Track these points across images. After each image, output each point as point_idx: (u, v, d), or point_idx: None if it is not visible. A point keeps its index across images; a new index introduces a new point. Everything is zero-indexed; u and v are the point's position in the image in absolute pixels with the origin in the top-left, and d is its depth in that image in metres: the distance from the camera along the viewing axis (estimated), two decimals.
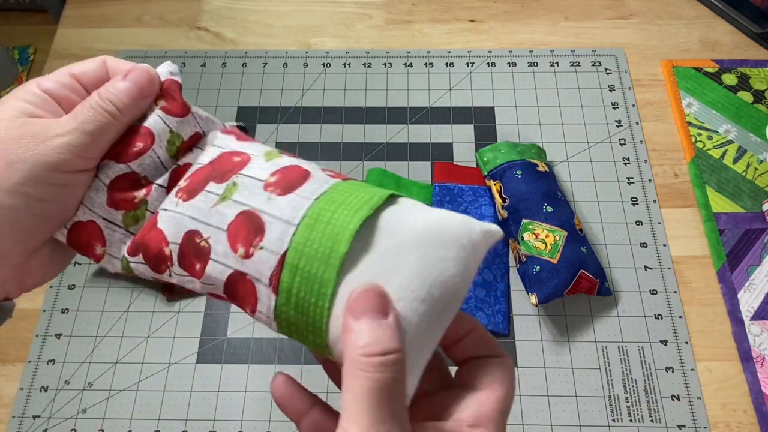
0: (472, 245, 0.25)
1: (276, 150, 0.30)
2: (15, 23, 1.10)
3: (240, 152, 0.29)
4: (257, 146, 0.30)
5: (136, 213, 0.30)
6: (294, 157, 0.29)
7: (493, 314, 0.55)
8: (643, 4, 0.76)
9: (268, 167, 0.28)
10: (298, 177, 0.27)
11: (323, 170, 0.28)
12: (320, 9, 0.77)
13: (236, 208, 0.27)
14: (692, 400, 0.52)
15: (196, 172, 0.29)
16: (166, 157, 0.30)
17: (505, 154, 0.60)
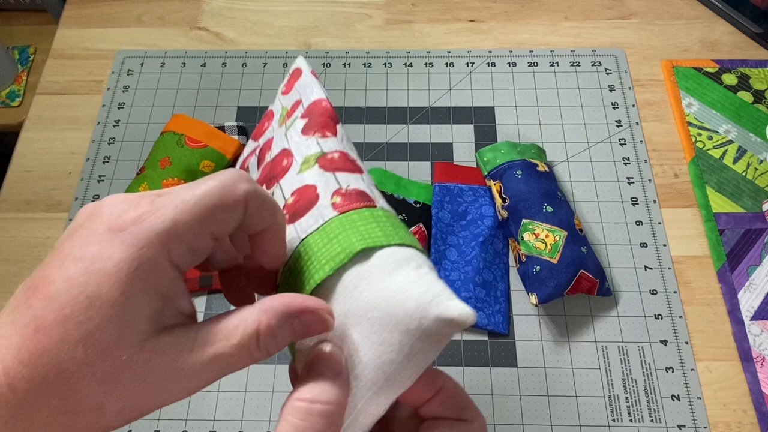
0: (421, 332, 0.22)
1: (318, 153, 0.30)
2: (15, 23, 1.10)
3: (290, 153, 0.31)
4: (307, 144, 0.30)
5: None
6: (325, 166, 0.29)
7: (493, 314, 0.55)
8: (643, 4, 0.76)
9: (295, 182, 0.29)
10: (305, 204, 0.27)
11: (338, 191, 0.28)
12: (320, 9, 0.77)
13: None
14: (692, 400, 0.52)
15: (264, 168, 0.32)
16: (275, 126, 0.34)
17: (505, 154, 0.60)
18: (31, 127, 0.69)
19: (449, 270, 0.56)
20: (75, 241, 0.22)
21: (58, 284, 0.20)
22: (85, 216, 0.23)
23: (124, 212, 0.22)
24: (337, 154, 0.30)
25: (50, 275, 0.21)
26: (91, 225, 0.22)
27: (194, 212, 0.22)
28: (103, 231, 0.21)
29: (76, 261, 0.21)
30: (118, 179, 0.65)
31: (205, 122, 0.64)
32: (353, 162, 0.30)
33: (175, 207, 0.22)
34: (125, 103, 0.70)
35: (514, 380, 0.53)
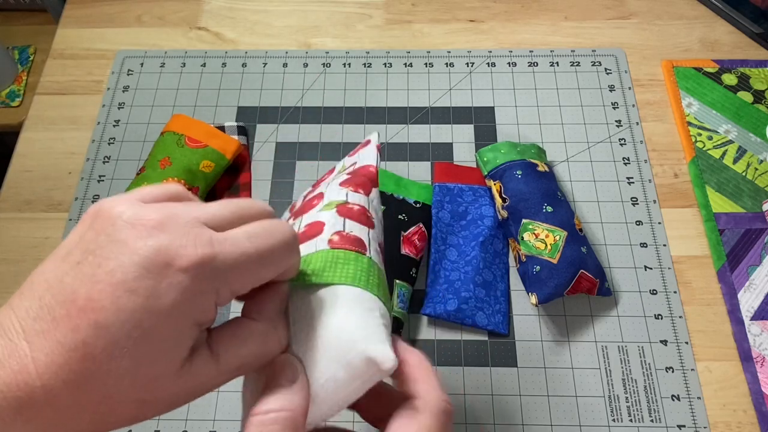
0: (346, 363, 0.25)
1: (341, 201, 0.33)
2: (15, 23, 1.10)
3: (322, 196, 0.34)
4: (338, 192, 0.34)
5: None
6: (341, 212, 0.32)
7: (493, 314, 0.55)
8: (643, 4, 0.76)
9: (312, 216, 0.32)
10: (310, 235, 0.31)
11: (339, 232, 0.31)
12: (320, 9, 0.77)
13: None
14: (692, 400, 0.52)
15: (302, 203, 0.37)
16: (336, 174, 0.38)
17: (505, 154, 0.60)
18: (31, 127, 0.69)
19: (449, 270, 0.56)
20: (121, 261, 0.22)
21: (109, 313, 0.21)
22: (125, 227, 0.23)
23: (183, 247, 0.22)
24: (357, 207, 0.32)
25: (99, 299, 0.21)
26: (138, 248, 0.22)
27: (252, 267, 0.24)
28: (157, 262, 0.22)
29: (130, 293, 0.21)
30: (118, 179, 0.65)
31: (205, 122, 0.64)
32: (369, 218, 0.32)
33: (236, 259, 0.23)
34: (125, 103, 0.70)
35: (514, 380, 0.53)
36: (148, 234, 0.22)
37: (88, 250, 0.22)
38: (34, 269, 0.24)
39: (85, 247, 0.23)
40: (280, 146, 0.66)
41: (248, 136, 0.67)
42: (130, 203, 0.24)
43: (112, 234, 0.22)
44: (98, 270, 0.22)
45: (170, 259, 0.22)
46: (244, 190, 0.63)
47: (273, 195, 0.63)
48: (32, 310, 0.22)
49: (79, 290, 0.21)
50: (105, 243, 0.22)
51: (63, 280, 0.22)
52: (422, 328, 0.56)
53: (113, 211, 0.23)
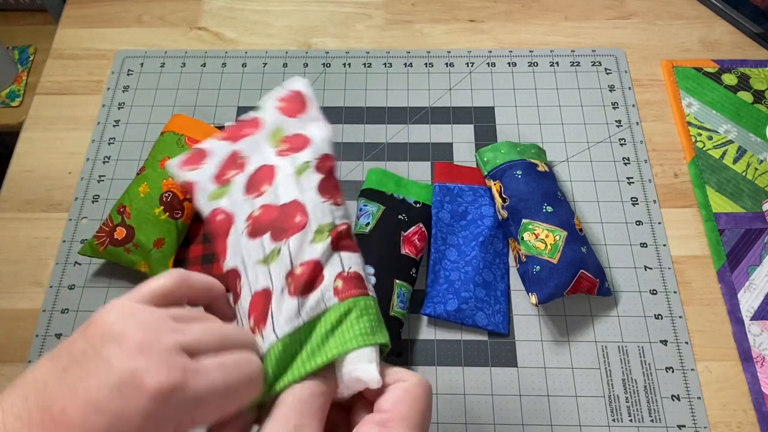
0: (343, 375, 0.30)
1: (330, 224, 0.32)
2: (15, 23, 1.10)
3: (305, 211, 0.32)
4: (322, 210, 0.33)
5: (222, 189, 0.34)
6: (335, 242, 0.32)
7: (493, 314, 0.55)
8: (643, 4, 0.76)
9: (306, 251, 0.31)
10: (309, 282, 0.31)
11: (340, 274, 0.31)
12: (320, 9, 0.77)
13: (266, 280, 0.31)
14: (692, 400, 0.52)
15: (268, 209, 0.33)
16: (267, 144, 0.35)
17: (505, 154, 0.60)
18: (31, 127, 0.69)
19: (449, 270, 0.56)
20: (99, 380, 0.23)
21: (76, 430, 0.22)
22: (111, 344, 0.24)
23: (155, 373, 0.23)
24: (345, 227, 0.33)
25: (70, 415, 0.22)
26: (116, 368, 0.23)
27: (218, 401, 0.25)
28: (130, 384, 0.23)
29: (98, 414, 0.22)
30: (118, 179, 0.65)
31: (205, 122, 0.64)
32: (353, 235, 0.33)
33: (203, 392, 0.24)
34: (125, 103, 0.70)
35: (514, 380, 0.53)
36: (128, 355, 0.23)
37: (74, 359, 0.24)
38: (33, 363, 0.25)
39: (74, 355, 0.24)
40: None
41: None
42: (123, 311, 0.25)
43: (99, 347, 0.24)
44: (79, 384, 0.23)
45: (141, 383, 0.23)
46: None
47: None
48: (15, 408, 0.23)
49: (56, 401, 0.23)
50: (91, 356, 0.24)
51: (47, 384, 0.23)
52: (422, 328, 0.56)
53: (106, 320, 0.25)
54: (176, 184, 0.58)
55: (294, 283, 0.30)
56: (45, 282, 0.59)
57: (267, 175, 0.34)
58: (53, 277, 0.59)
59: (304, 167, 0.34)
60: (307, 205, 0.33)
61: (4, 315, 0.58)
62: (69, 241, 0.61)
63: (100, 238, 0.56)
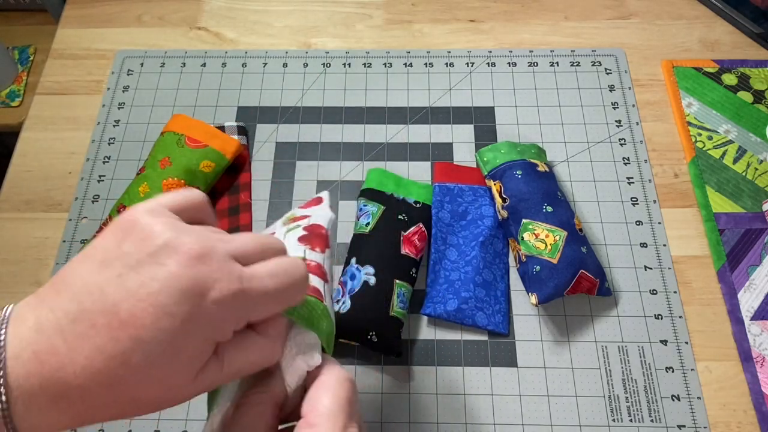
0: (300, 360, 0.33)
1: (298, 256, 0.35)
2: (15, 23, 1.10)
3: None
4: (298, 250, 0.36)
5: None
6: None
7: (493, 314, 0.55)
8: (643, 4, 0.76)
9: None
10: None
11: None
12: (320, 9, 0.77)
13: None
14: (692, 400, 0.52)
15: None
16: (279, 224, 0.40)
17: (505, 154, 0.60)
18: (31, 127, 0.69)
19: (449, 270, 0.56)
20: (165, 285, 0.24)
21: (149, 331, 0.23)
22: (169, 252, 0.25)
23: (218, 281, 0.25)
24: (314, 263, 0.35)
25: (141, 317, 0.23)
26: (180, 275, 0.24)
27: (271, 303, 0.28)
28: (196, 291, 0.24)
29: (169, 316, 0.24)
30: (118, 179, 0.65)
31: (205, 122, 0.64)
32: (324, 273, 0.35)
33: (259, 296, 0.27)
34: (125, 103, 0.70)
35: (514, 380, 0.53)
36: (190, 264, 0.25)
37: (129, 265, 0.24)
38: (64, 266, 0.26)
39: (126, 261, 0.25)
40: (280, 146, 0.66)
41: (248, 136, 0.67)
42: (167, 223, 0.26)
43: (156, 255, 0.25)
44: (141, 289, 0.24)
45: (206, 291, 0.25)
46: (244, 190, 0.63)
47: (273, 195, 0.63)
48: (71, 313, 0.23)
49: (121, 304, 0.23)
50: (148, 262, 0.24)
51: (104, 289, 0.24)
52: (422, 328, 0.56)
53: (153, 229, 0.25)
54: (176, 185, 0.58)
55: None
56: (45, 282, 0.59)
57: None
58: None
59: (294, 227, 0.38)
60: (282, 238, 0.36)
61: None
62: (69, 241, 0.61)
63: None
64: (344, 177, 0.64)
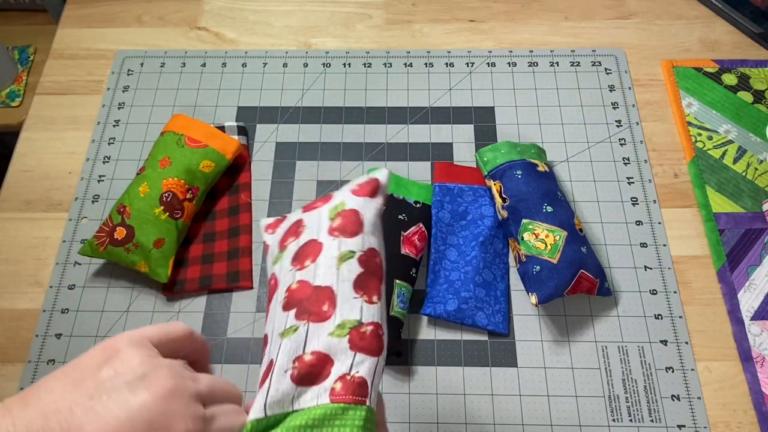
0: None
1: (355, 321, 0.32)
2: (15, 23, 1.10)
3: (334, 303, 0.32)
4: (351, 305, 0.32)
5: (280, 254, 0.35)
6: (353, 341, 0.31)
7: (493, 314, 0.55)
8: (643, 4, 0.76)
9: (320, 343, 0.31)
10: (314, 374, 0.31)
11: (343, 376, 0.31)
12: (320, 9, 0.77)
13: (276, 351, 0.31)
14: (692, 400, 0.52)
15: (303, 286, 0.33)
16: (325, 215, 0.36)
17: (505, 154, 0.60)
18: (31, 127, 0.69)
19: (449, 270, 0.56)
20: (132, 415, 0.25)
21: None
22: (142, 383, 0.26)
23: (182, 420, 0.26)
24: (371, 328, 0.32)
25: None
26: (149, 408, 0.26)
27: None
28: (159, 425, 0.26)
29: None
30: (118, 179, 0.65)
31: (205, 122, 0.64)
32: (380, 338, 0.33)
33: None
34: (125, 103, 0.70)
35: (514, 380, 0.53)
36: (161, 398, 0.26)
37: (103, 389, 0.25)
38: (40, 380, 0.26)
39: (102, 386, 0.25)
40: (280, 146, 0.66)
41: (248, 136, 0.67)
42: (147, 356, 0.27)
43: (131, 385, 0.26)
44: (109, 415, 0.24)
45: (170, 426, 0.26)
46: (244, 190, 0.63)
47: (273, 195, 0.63)
48: (33, 428, 0.24)
49: (86, 427, 0.24)
50: (122, 390, 0.25)
51: (73, 409, 0.24)
52: (422, 328, 0.56)
53: (133, 361, 0.27)
54: (176, 184, 0.58)
55: (299, 369, 0.30)
56: (45, 282, 0.59)
57: (313, 250, 0.34)
58: (53, 277, 0.59)
59: (348, 255, 0.34)
60: (338, 296, 0.32)
61: (4, 315, 0.58)
62: (69, 241, 0.61)
63: (100, 238, 0.56)
64: (344, 177, 0.64)
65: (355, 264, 0.34)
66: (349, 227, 0.35)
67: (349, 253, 0.34)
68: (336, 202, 0.37)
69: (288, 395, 0.30)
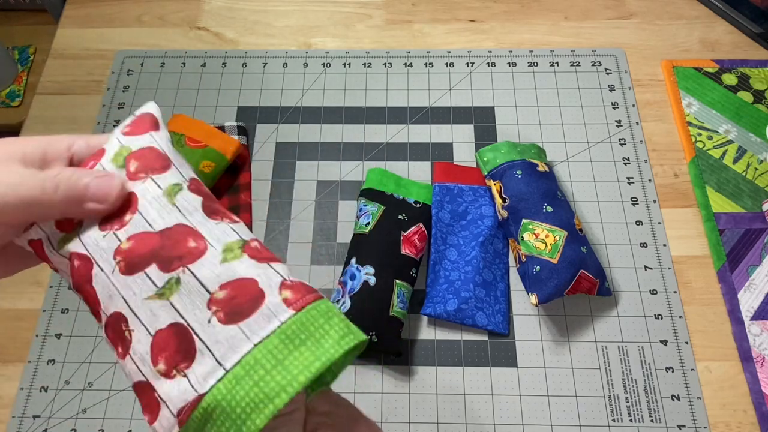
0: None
1: (239, 240, 0.28)
2: (15, 23, 1.10)
3: (199, 234, 0.27)
4: (221, 230, 0.28)
5: (68, 236, 0.28)
6: (255, 256, 0.27)
7: (493, 314, 0.55)
8: (643, 4, 0.76)
9: (221, 273, 0.26)
10: (249, 302, 0.26)
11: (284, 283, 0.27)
12: (320, 9, 0.77)
13: (171, 315, 0.26)
14: (692, 400, 0.52)
15: (143, 238, 0.27)
16: (111, 168, 0.29)
17: (505, 154, 0.60)
18: (31, 127, 0.69)
19: (449, 270, 0.56)
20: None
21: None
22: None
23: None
24: (257, 243, 0.28)
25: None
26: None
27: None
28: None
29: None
30: None
31: (205, 122, 0.64)
32: (270, 251, 0.29)
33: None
34: (125, 103, 0.70)
35: (514, 380, 0.53)
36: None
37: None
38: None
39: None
40: (280, 146, 0.66)
41: (248, 136, 0.67)
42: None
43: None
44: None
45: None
46: (244, 190, 0.63)
47: (273, 195, 0.63)
48: None
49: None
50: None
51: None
52: (422, 328, 0.56)
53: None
54: None
55: (224, 309, 0.25)
56: (45, 282, 0.59)
57: (125, 202, 0.28)
58: (53, 277, 0.59)
59: (175, 189, 0.29)
60: (198, 228, 0.28)
61: (4, 315, 0.58)
62: None
63: None
64: (344, 177, 0.64)
65: (189, 194, 0.29)
66: (153, 163, 0.29)
67: (174, 186, 0.29)
68: (115, 149, 0.30)
69: (237, 337, 0.25)
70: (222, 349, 0.25)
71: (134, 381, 0.26)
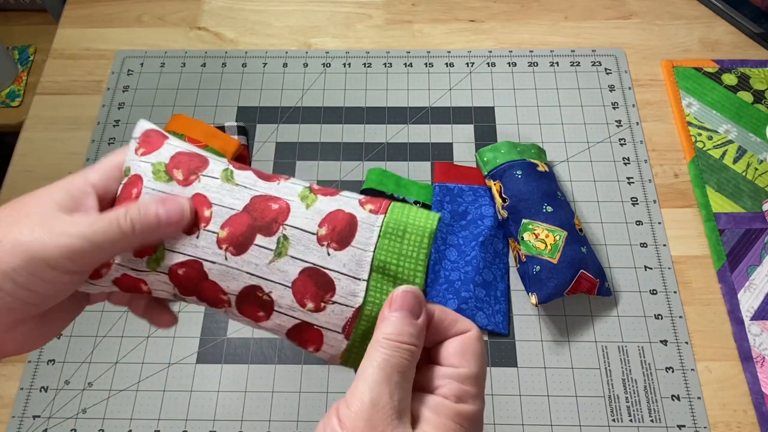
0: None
1: (305, 188, 0.31)
2: (15, 23, 1.10)
3: (274, 197, 0.30)
4: (286, 187, 0.31)
5: (156, 256, 0.30)
6: (326, 193, 0.31)
7: (493, 314, 0.55)
8: (643, 4, 0.76)
9: (312, 216, 0.30)
10: (347, 226, 0.30)
11: (361, 201, 0.31)
12: (320, 9, 0.77)
13: (296, 265, 0.29)
14: (692, 400, 0.52)
15: (234, 220, 0.30)
16: (161, 185, 0.31)
17: (505, 154, 0.60)
18: (31, 127, 0.69)
19: (449, 270, 0.56)
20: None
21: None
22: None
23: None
24: (315, 184, 0.32)
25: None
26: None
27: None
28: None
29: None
30: None
31: (205, 122, 0.64)
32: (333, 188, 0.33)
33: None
34: (125, 103, 0.70)
35: (514, 380, 0.53)
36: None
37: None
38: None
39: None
40: (280, 146, 0.66)
41: (248, 136, 0.67)
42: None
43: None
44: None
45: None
46: None
47: None
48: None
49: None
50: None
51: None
52: None
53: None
54: None
55: (334, 240, 0.29)
56: None
57: (196, 204, 0.30)
58: None
59: (227, 173, 0.31)
60: (269, 192, 0.31)
61: None
62: None
63: None
64: (344, 177, 0.64)
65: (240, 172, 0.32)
66: (193, 164, 0.32)
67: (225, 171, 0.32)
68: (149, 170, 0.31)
69: (354, 255, 0.29)
70: (352, 267, 0.29)
71: (287, 328, 0.30)
